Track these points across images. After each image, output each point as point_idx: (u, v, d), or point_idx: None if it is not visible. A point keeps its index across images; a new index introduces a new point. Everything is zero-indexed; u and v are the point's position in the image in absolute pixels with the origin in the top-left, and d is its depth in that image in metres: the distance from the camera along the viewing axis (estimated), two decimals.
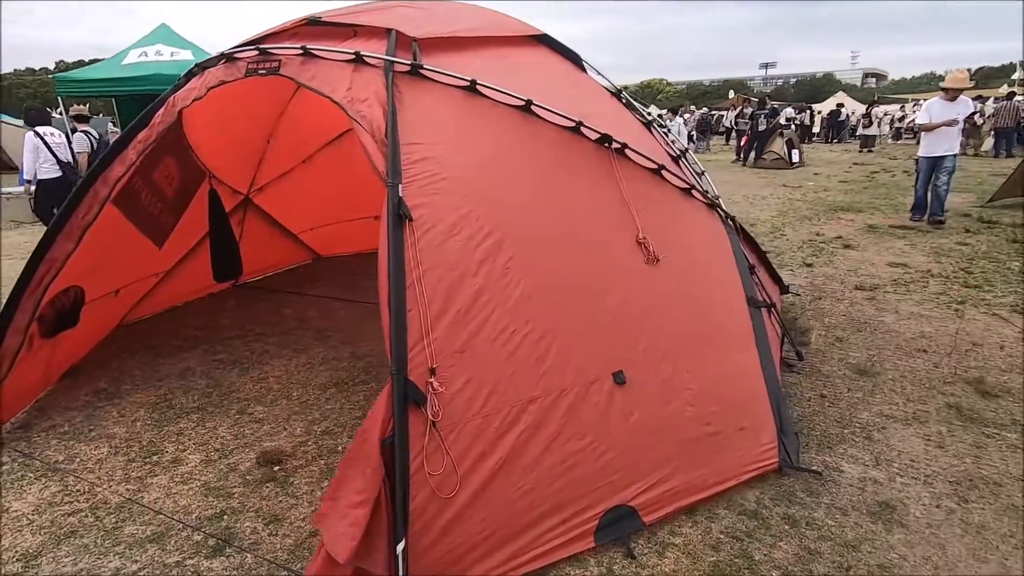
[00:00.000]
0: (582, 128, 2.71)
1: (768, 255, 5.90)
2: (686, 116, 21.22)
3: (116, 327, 4.33)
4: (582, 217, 2.62)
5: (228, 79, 2.89)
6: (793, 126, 23.91)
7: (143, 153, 3.03)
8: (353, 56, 2.60)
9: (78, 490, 2.54)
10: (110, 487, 2.55)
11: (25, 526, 2.33)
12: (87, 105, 8.26)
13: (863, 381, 3.32)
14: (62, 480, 2.61)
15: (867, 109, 21.75)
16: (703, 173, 3.75)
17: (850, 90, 61.17)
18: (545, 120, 2.67)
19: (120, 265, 3.78)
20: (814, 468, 2.52)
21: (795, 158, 14.67)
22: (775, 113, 15.74)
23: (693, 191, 3.13)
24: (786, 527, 2.22)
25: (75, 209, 2.99)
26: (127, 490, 2.54)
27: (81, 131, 6.98)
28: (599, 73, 3.58)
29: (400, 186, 2.22)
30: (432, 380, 1.97)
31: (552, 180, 2.63)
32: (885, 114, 24.34)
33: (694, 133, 19.87)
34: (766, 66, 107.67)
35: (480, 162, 2.49)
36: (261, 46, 2.82)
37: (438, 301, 2.09)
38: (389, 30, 2.77)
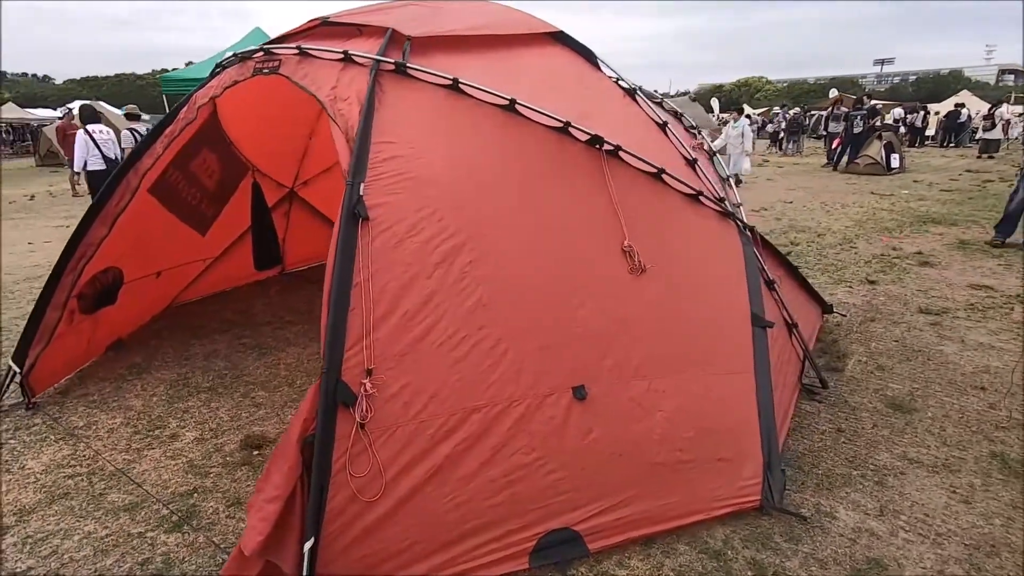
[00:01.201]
0: (571, 129, 2.58)
1: (828, 270, 5.41)
2: (754, 116, 19.93)
3: (166, 308, 4.71)
4: (562, 221, 2.50)
5: (240, 78, 3.03)
6: (902, 128, 21.85)
7: (168, 146, 3.25)
8: (342, 56, 2.63)
9: (84, 456, 2.77)
10: (111, 456, 2.76)
11: (31, 484, 2.57)
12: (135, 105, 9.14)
13: (895, 417, 2.94)
14: (74, 445, 2.86)
15: (989, 110, 19.38)
16: (728, 178, 3.46)
17: (980, 88, 54.79)
18: (531, 120, 2.57)
19: (159, 249, 4.09)
20: (800, 511, 2.26)
21: (894, 163, 13.35)
22: (873, 113, 14.36)
23: (701, 197, 2.90)
24: (749, 574, 2.00)
25: (109, 198, 3.26)
26: (123, 460, 2.73)
27: (128, 129, 7.64)
28: (615, 72, 3.41)
29: (363, 184, 2.22)
30: (366, 381, 1.95)
31: (533, 182, 2.53)
32: (1020, 115, 21.56)
33: (782, 134, 18.63)
34: (882, 62, 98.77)
35: (454, 162, 2.44)
36: (266, 46, 2.93)
37: (384, 302, 2.07)
38: (387, 29, 2.79)
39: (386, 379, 1.99)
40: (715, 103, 41.13)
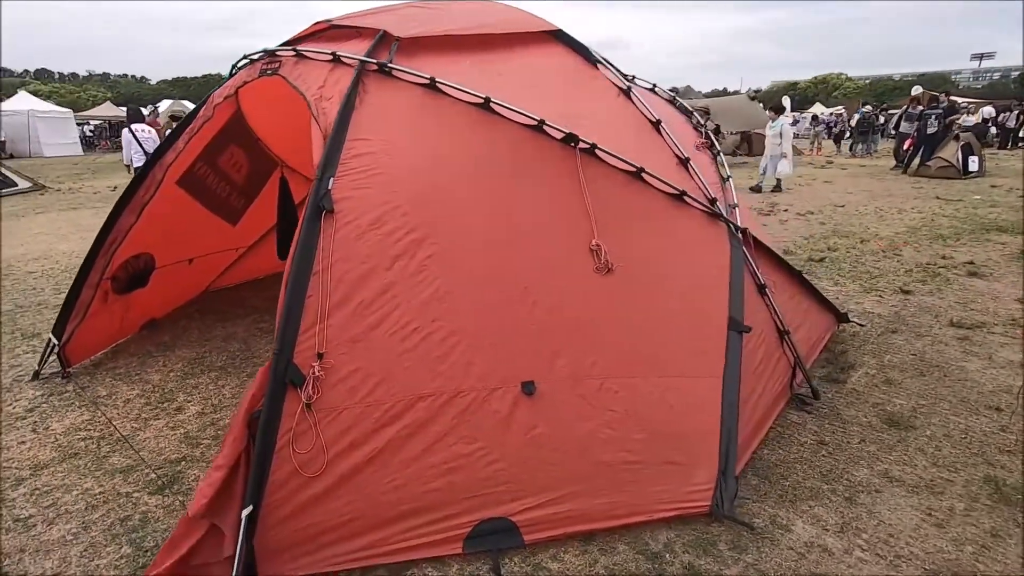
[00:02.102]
0: (545, 127, 2.61)
1: (861, 278, 5.12)
2: (799, 116, 18.82)
3: (201, 293, 5.08)
4: (530, 219, 2.54)
5: (248, 79, 3.24)
6: (992, 128, 20.12)
7: (188, 142, 3.52)
8: (331, 57, 2.77)
9: (99, 422, 3.06)
10: (121, 423, 3.04)
11: (50, 443, 2.87)
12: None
13: (887, 434, 2.79)
14: (93, 412, 3.16)
15: None
16: (729, 179, 3.37)
17: None
18: (505, 118, 2.62)
19: (190, 238, 4.42)
20: (749, 521, 2.20)
21: (972, 167, 12.34)
22: (950, 112, 13.32)
23: (686, 197, 2.84)
24: None
25: (137, 189, 3.57)
26: (131, 427, 3.00)
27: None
28: (615, 69, 3.39)
29: (333, 179, 2.35)
30: (315, 364, 2.07)
31: (504, 179, 2.57)
32: None
33: (850, 135, 17.60)
34: (980, 57, 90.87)
35: (425, 158, 2.53)
36: (269, 47, 3.13)
37: (341, 291, 2.19)
38: (379, 31, 2.92)
39: (336, 363, 2.11)
40: (787, 101, 39.28)
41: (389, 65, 2.66)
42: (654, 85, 4.32)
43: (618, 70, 4.27)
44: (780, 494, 2.38)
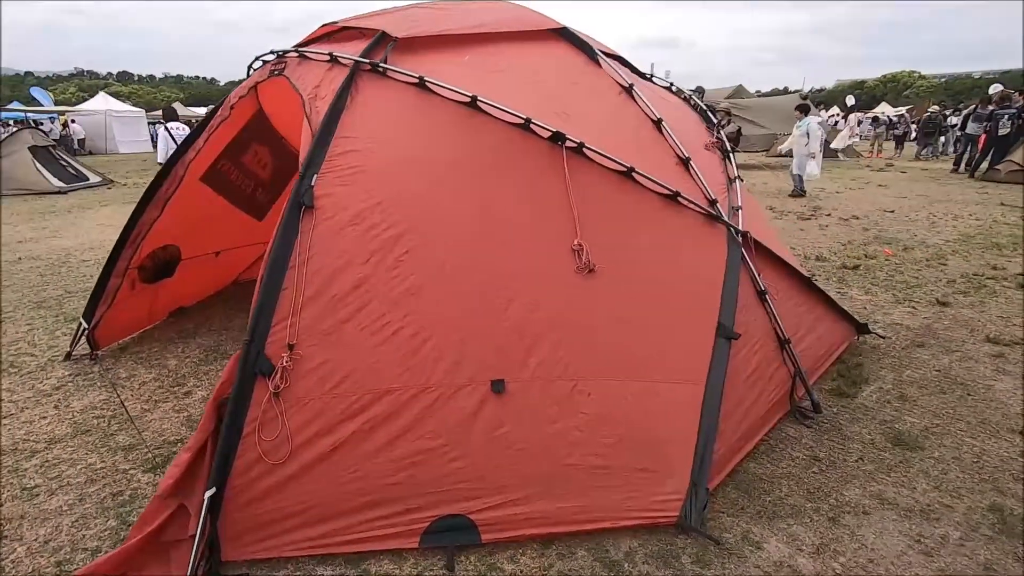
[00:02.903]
0: (532, 125, 2.59)
1: (896, 287, 4.83)
2: (827, 115, 17.73)
3: (230, 284, 5.32)
4: (512, 217, 2.53)
5: (260, 79, 3.37)
6: None
7: (207, 140, 3.69)
8: (329, 57, 2.85)
9: (114, 402, 3.26)
10: (132, 404, 3.23)
11: (67, 419, 3.08)
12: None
13: (891, 453, 2.62)
14: (111, 392, 3.37)
15: None
16: (736, 179, 3.25)
17: None
18: (493, 117, 2.62)
19: (215, 232, 4.63)
20: (715, 535, 2.11)
21: None
22: None
23: (680, 198, 2.76)
24: None
25: (160, 185, 3.77)
26: (141, 408, 3.18)
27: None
28: (617, 67, 3.33)
29: (316, 176, 2.42)
30: (285, 355, 2.13)
31: (489, 177, 2.58)
32: None
33: (915, 136, 16.60)
34: None
35: (410, 156, 2.56)
36: (276, 49, 3.24)
37: (316, 284, 2.24)
38: (378, 31, 2.98)
39: (306, 355, 2.17)
40: (850, 100, 37.46)
41: (381, 65, 2.71)
42: (671, 83, 4.24)
43: (634, 68, 4.23)
44: (759, 509, 2.28)
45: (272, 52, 3.28)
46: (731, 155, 3.48)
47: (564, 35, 3.42)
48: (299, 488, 2.08)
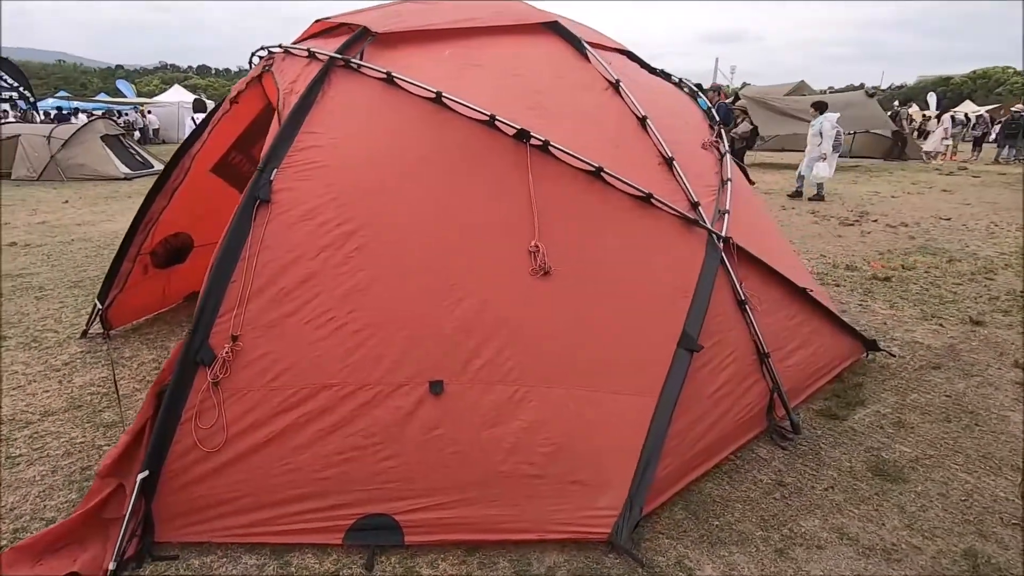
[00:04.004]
0: (497, 122, 2.54)
1: (927, 302, 4.46)
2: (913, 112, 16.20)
3: None
4: (469, 215, 2.49)
5: (254, 75, 3.46)
6: None
7: (211, 133, 3.83)
8: (307, 53, 2.89)
9: (110, 380, 3.45)
10: (125, 383, 3.40)
11: (65, 394, 3.28)
12: None
13: (868, 484, 2.42)
14: (110, 371, 3.56)
15: None
16: (727, 182, 3.08)
17: None
18: (458, 113, 2.58)
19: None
20: (643, 556, 2.01)
21: None
22: None
23: (653, 200, 2.63)
24: None
25: (169, 175, 3.95)
26: (132, 388, 3.35)
27: None
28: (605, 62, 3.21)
29: (276, 170, 2.45)
30: (227, 345, 2.18)
31: (448, 174, 2.54)
32: None
33: (994, 138, 15.30)
34: None
35: (372, 152, 2.56)
36: (266, 45, 3.31)
37: (264, 277, 2.28)
38: (358, 27, 2.99)
39: (247, 346, 2.20)
40: (932, 99, 34.92)
41: (353, 61, 2.72)
42: (680, 80, 4.08)
43: (643, 63, 4.09)
44: (703, 534, 2.15)
45: (263, 48, 3.35)
46: (728, 155, 3.30)
47: (555, 29, 3.32)
48: (231, 476, 2.12)
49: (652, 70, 4.13)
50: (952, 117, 21.41)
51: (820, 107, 9.94)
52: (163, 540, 2.09)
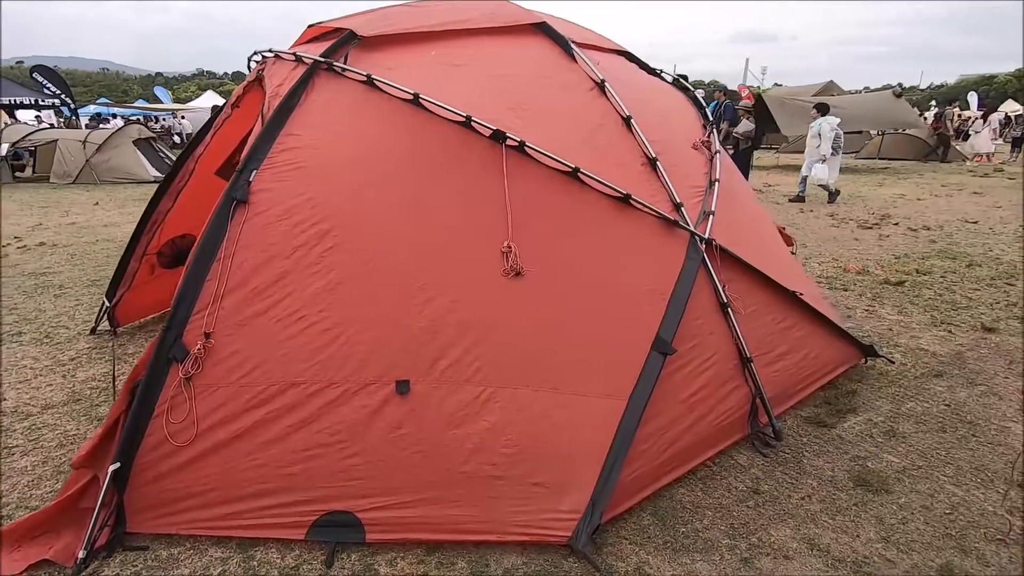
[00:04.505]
0: (473, 123, 2.55)
1: (938, 308, 4.30)
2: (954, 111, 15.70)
3: None
4: (443, 216, 2.50)
5: (251, 79, 3.54)
6: None
7: (213, 136, 3.93)
8: (294, 56, 2.94)
9: (109, 376, 3.56)
10: (124, 378, 3.50)
11: (67, 388, 3.40)
12: None
13: (848, 494, 2.34)
14: (112, 365, 3.68)
15: None
16: (715, 182, 3.02)
17: None
18: (435, 115, 2.59)
19: None
20: (602, 562, 1.98)
21: None
22: None
23: (631, 200, 2.60)
24: None
25: (173, 177, 4.07)
26: None
27: None
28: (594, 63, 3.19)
29: (255, 172, 2.51)
30: (200, 342, 2.23)
31: (424, 175, 2.56)
32: None
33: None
34: None
35: (349, 154, 2.59)
36: (259, 50, 3.39)
37: (239, 276, 2.33)
38: (345, 30, 3.04)
39: (219, 344, 2.25)
40: (973, 99, 33.69)
41: (335, 64, 2.76)
42: (676, 77, 4.04)
43: (642, 64, 4.06)
44: (667, 540, 2.11)
45: (256, 52, 3.43)
46: (718, 156, 3.25)
47: (543, 30, 3.32)
48: (201, 471, 2.17)
49: (651, 71, 4.10)
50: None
51: (822, 109, 9.73)
52: (134, 531, 2.15)
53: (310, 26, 3.54)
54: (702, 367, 2.56)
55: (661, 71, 4.13)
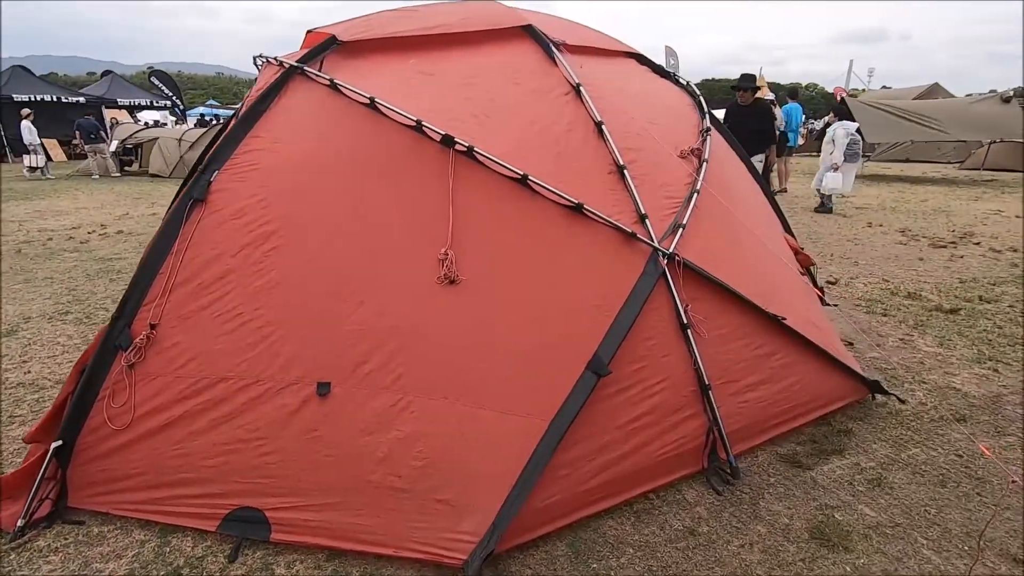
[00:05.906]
0: (424, 128, 2.51)
1: (995, 342, 3.77)
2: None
3: None
4: (386, 219, 2.48)
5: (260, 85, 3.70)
6: None
7: None
8: (277, 61, 3.04)
9: None
10: None
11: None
12: None
13: (796, 547, 2.07)
14: None
15: None
16: (696, 193, 2.81)
17: None
18: (390, 119, 2.59)
19: None
20: None
21: None
22: None
23: (584, 210, 2.46)
24: None
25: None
26: None
27: None
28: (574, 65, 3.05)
29: (217, 172, 2.61)
30: (144, 332, 2.35)
31: (373, 179, 2.55)
32: None
33: None
34: None
35: (305, 156, 2.63)
36: (263, 54, 3.53)
37: (188, 271, 2.43)
38: (330, 35, 3.11)
39: (162, 335, 2.36)
40: None
41: (307, 68, 2.83)
42: (687, 82, 3.82)
43: (656, 68, 3.89)
44: (574, 575, 1.96)
45: (260, 55, 3.57)
46: (707, 164, 3.01)
47: (529, 32, 3.23)
48: (134, 454, 2.28)
49: (665, 74, 3.91)
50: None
51: (841, 114, 8.83)
52: (75, 506, 2.29)
53: (309, 32, 3.65)
54: (648, 391, 2.37)
55: (676, 75, 3.93)
